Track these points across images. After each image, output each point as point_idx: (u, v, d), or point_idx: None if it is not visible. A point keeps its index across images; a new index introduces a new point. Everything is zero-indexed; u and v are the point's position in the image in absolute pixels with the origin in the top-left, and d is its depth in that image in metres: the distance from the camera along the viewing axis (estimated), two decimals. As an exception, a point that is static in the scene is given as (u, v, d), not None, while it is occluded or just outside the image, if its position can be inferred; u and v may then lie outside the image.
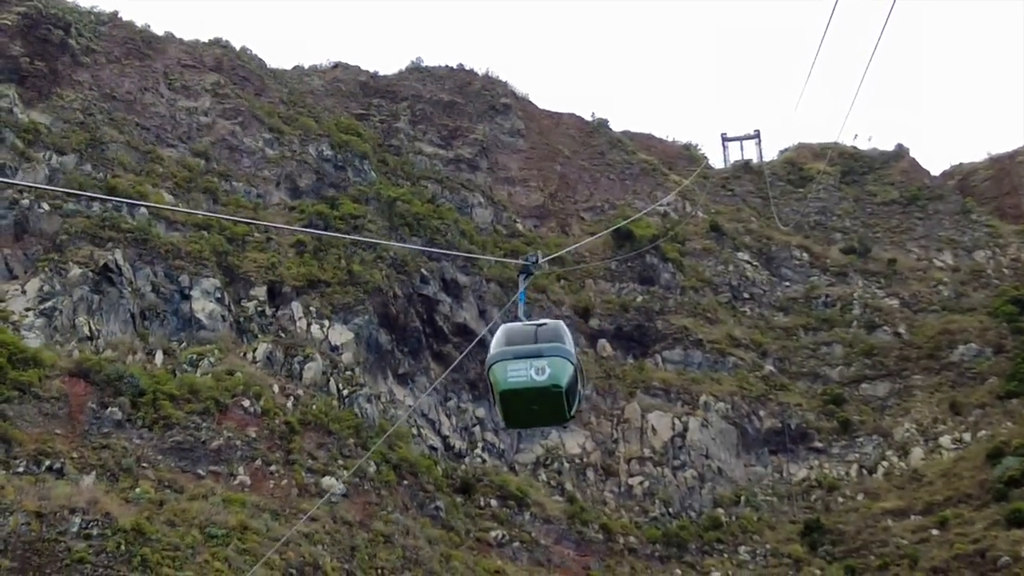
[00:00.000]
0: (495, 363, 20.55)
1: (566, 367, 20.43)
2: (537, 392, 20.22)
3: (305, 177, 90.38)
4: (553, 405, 20.43)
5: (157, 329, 68.13)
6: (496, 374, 20.79)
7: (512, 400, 20.46)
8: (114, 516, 48.77)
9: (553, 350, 20.52)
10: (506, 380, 20.21)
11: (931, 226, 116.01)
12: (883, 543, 73.16)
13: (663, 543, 73.95)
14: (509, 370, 20.42)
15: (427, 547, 61.35)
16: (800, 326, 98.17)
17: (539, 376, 20.23)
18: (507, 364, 20.43)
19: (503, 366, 20.38)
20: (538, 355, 20.56)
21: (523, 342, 21.05)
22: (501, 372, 20.53)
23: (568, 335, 21.57)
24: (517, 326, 21.98)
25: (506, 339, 21.53)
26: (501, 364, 20.39)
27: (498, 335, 21.82)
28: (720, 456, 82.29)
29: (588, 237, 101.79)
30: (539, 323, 22.02)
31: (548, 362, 20.52)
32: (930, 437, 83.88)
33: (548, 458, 79.25)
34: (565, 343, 21.22)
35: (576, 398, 21.50)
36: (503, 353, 20.68)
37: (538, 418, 21.48)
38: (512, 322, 22.34)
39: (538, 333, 21.41)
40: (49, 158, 75.77)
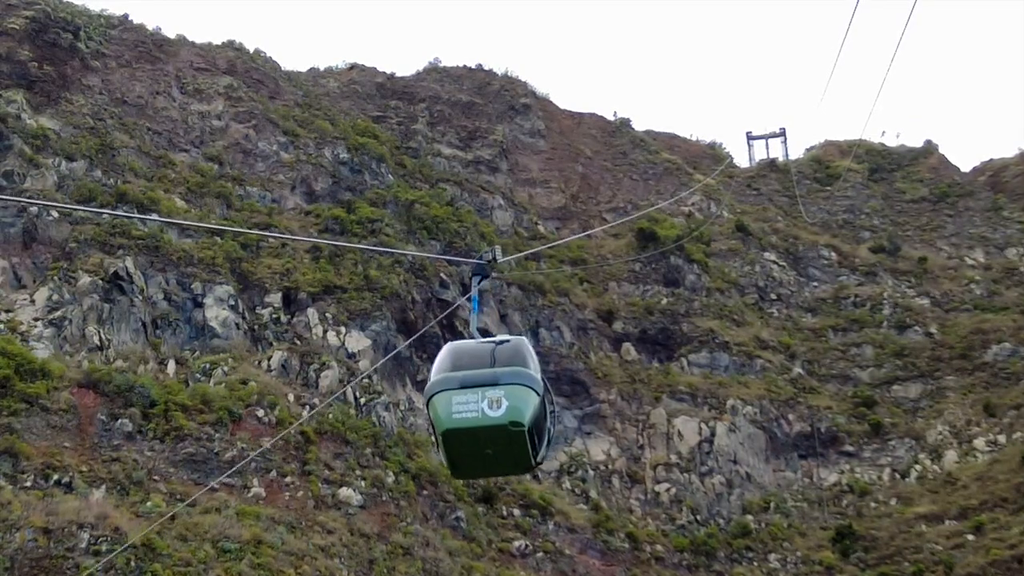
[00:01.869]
0: (436, 394, 16.64)
1: (529, 398, 16.40)
2: (491, 432, 16.20)
3: (321, 181, 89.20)
4: (513, 449, 16.38)
5: (169, 338, 67.03)
6: (437, 408, 16.71)
7: (458, 443, 16.42)
8: (124, 531, 47.54)
9: (513, 376, 16.52)
10: (450, 416, 16.27)
11: (962, 223, 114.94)
12: (917, 549, 71.46)
13: (691, 551, 72.44)
14: (454, 403, 16.40)
15: (448, 559, 60.02)
16: (829, 327, 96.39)
17: (494, 410, 16.21)
18: (452, 395, 16.46)
19: (446, 398, 16.45)
20: (493, 383, 16.49)
21: (474, 365, 16.99)
22: (444, 406, 16.52)
23: (533, 356, 17.49)
24: (467, 345, 17.90)
25: (452, 362, 17.41)
26: (444, 396, 16.49)
27: (441, 356, 17.68)
28: (748, 461, 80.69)
29: (612, 239, 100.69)
30: (496, 340, 17.76)
31: (506, 392, 16.39)
32: (964, 439, 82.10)
33: (572, 465, 77.80)
34: (529, 366, 17.03)
35: (544, 439, 17.45)
36: (447, 381, 16.76)
37: (494, 466, 17.23)
38: (462, 340, 18.38)
39: (495, 354, 17.23)
40: (58, 164, 74.67)
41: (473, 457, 16.82)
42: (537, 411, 16.47)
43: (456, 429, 16.19)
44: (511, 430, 16.04)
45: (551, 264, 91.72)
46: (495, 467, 17.40)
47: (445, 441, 16.64)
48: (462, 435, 16.23)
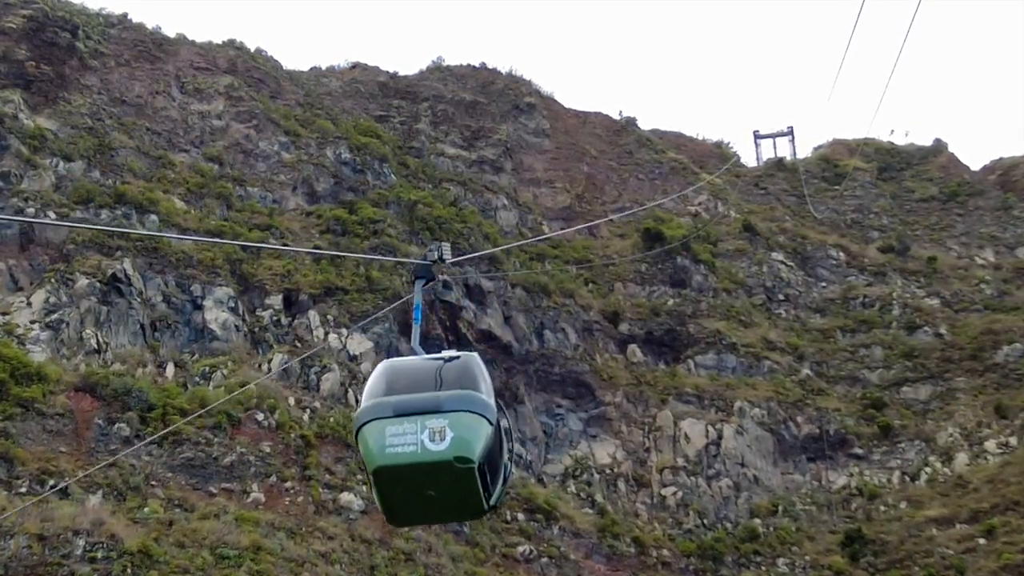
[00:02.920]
0: (365, 423, 14.21)
1: (479, 428, 14.15)
2: (433, 470, 13.79)
3: (323, 181, 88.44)
4: (460, 490, 14.02)
5: (168, 340, 66.37)
6: (367, 441, 14.19)
7: (393, 483, 13.95)
8: (120, 538, 46.83)
9: (460, 401, 14.23)
10: (383, 451, 13.86)
11: (971, 223, 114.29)
12: (928, 553, 70.49)
13: (698, 556, 71.59)
14: (388, 434, 13.94)
15: (450, 565, 59.24)
16: (837, 328, 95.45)
17: (436, 444, 13.79)
18: (385, 425, 13.99)
19: (378, 429, 14.03)
20: (435, 409, 14.05)
21: (414, 388, 14.50)
22: (375, 438, 14.02)
23: (486, 376, 15.31)
24: (406, 363, 15.61)
25: (386, 384, 14.98)
26: (375, 426, 14.07)
27: (374, 377, 15.34)
28: (756, 464, 79.81)
29: (617, 239, 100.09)
30: (443, 357, 15.33)
31: (451, 421, 13.97)
32: (975, 442, 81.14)
33: (577, 469, 77.03)
34: (480, 389, 14.77)
35: (500, 477, 15.23)
36: (379, 407, 14.31)
37: (438, 511, 14.86)
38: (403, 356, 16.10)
39: (441, 373, 14.81)
40: (56, 165, 73.92)
41: (412, 500, 14.31)
42: (489, 443, 14.33)
43: (390, 467, 13.83)
44: (457, 467, 13.77)
45: (556, 264, 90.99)
46: (439, 512, 15.26)
47: (377, 481, 14.17)
48: (397, 474, 13.84)
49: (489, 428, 14.40)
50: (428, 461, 13.82)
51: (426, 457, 13.80)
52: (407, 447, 13.90)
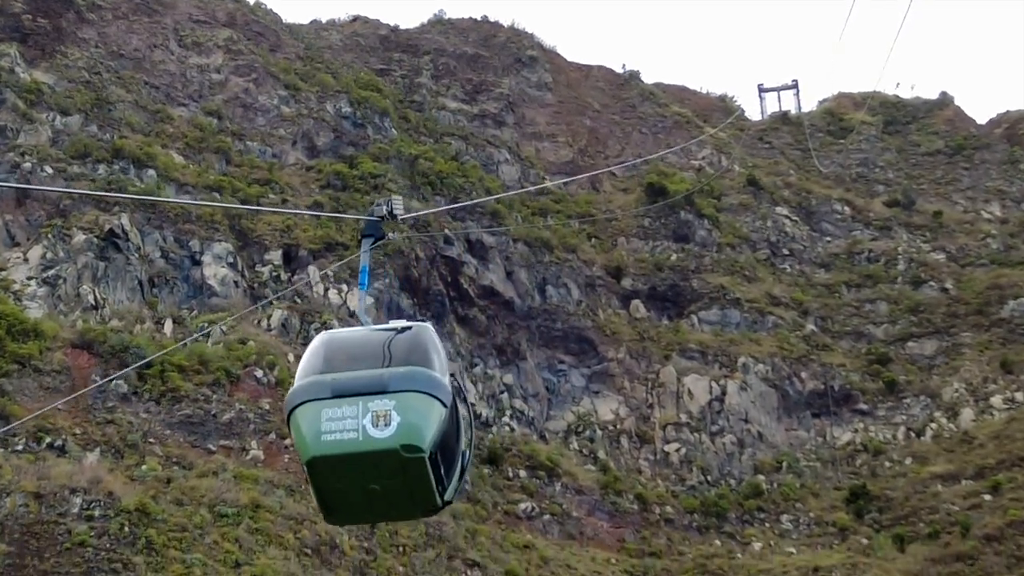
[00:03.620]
0: (298, 405, 12.44)
1: (431, 411, 12.35)
2: (377, 460, 12.00)
3: (323, 135, 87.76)
4: (409, 484, 12.27)
5: (166, 297, 65.97)
6: (300, 426, 12.34)
7: (331, 476, 12.23)
8: (118, 496, 46.60)
9: (409, 379, 12.42)
10: (318, 438, 12.09)
11: (978, 176, 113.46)
12: (933, 510, 70.03)
13: (701, 513, 71.44)
14: (324, 419, 12.14)
15: (451, 522, 58.92)
16: (842, 283, 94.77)
17: (380, 430, 11.95)
18: (321, 408, 12.21)
19: (313, 412, 12.28)
20: (380, 390, 12.22)
21: (356, 365, 12.70)
22: (309, 423, 12.23)
23: (440, 350, 13.45)
24: (349, 335, 13.87)
25: (324, 359, 13.13)
26: (310, 408, 12.32)
27: (310, 352, 13.54)
28: (760, 420, 79.44)
29: (620, 194, 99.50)
30: (391, 328, 13.45)
31: (398, 403, 12.10)
32: (980, 397, 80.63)
33: (580, 425, 76.84)
34: (432, 365, 12.94)
35: (456, 467, 13.27)
36: (314, 387, 12.55)
37: (383, 508, 12.85)
38: (345, 328, 14.79)
39: (390, 348, 12.92)
40: (53, 119, 73.43)
41: (353, 496, 12.44)
42: (443, 429, 12.47)
43: (326, 457, 12.03)
44: (405, 457, 11.97)
45: (558, 219, 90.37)
46: (385, 509, 13.04)
47: (311, 473, 12.36)
48: (335, 465, 12.05)
49: (443, 411, 12.49)
50: (371, 450, 11.98)
51: (368, 446, 11.96)
52: (346, 434, 12.05)
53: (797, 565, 66.80)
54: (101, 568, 42.76)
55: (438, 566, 55.58)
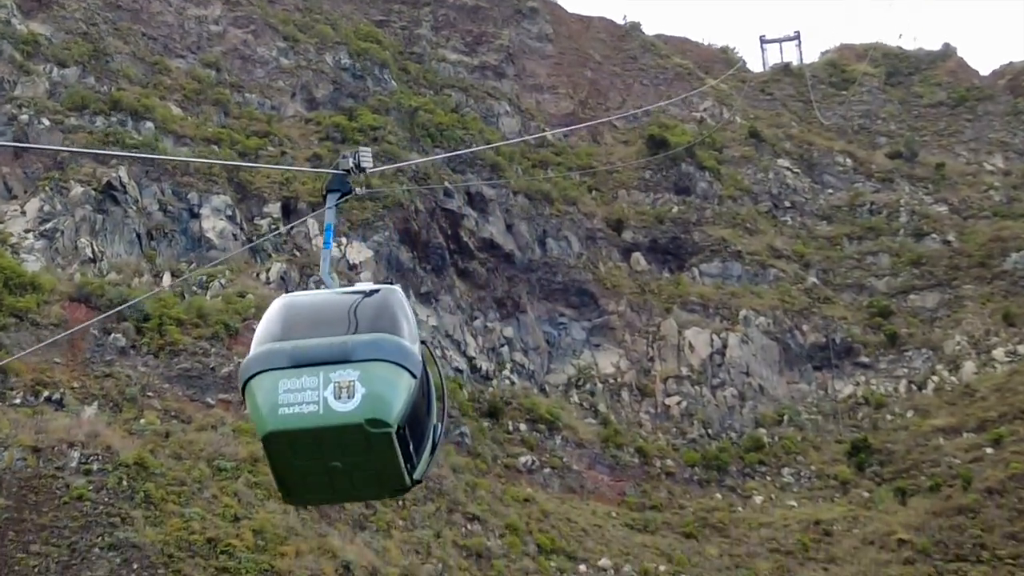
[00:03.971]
0: (254, 375, 11.41)
1: (399, 382, 11.33)
2: (339, 436, 11.02)
3: (322, 87, 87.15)
4: (375, 461, 11.28)
5: (165, 250, 65.53)
6: (256, 398, 11.30)
7: (289, 452, 11.23)
8: (116, 450, 46.02)
9: (375, 347, 11.40)
10: (275, 412, 11.06)
11: (980, 128, 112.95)
12: (934, 463, 69.80)
13: (702, 466, 71.24)
14: (282, 390, 11.12)
15: (451, 476, 58.77)
16: (844, 235, 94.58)
17: (343, 402, 10.93)
18: (279, 379, 11.18)
19: (270, 383, 11.24)
20: (343, 359, 11.22)
21: (317, 332, 11.65)
22: (266, 395, 11.20)
23: (409, 316, 12.32)
24: (311, 298, 12.76)
25: (283, 325, 12.01)
26: (267, 379, 11.29)
27: (268, 316, 12.36)
28: (761, 373, 79.27)
29: (621, 146, 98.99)
30: (356, 292, 12.37)
31: (363, 373, 11.10)
32: (982, 350, 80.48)
33: (580, 379, 76.68)
34: (401, 332, 11.84)
35: (426, 443, 12.20)
36: (272, 355, 11.49)
37: (347, 487, 11.76)
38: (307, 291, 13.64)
39: (355, 313, 11.88)
40: (50, 71, 72.81)
41: (313, 475, 11.42)
42: (412, 402, 11.42)
43: (283, 432, 11.02)
44: (370, 432, 10.96)
45: (559, 172, 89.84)
46: (348, 489, 11.84)
47: (268, 449, 11.31)
48: (293, 441, 11.05)
49: (411, 382, 11.40)
50: (332, 425, 10.95)
51: (330, 420, 10.94)
52: (306, 407, 10.99)
53: (798, 518, 66.77)
54: (99, 522, 42.41)
55: (438, 520, 55.38)
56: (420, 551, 52.53)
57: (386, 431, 11.05)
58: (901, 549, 62.26)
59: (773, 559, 63.32)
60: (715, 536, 65.34)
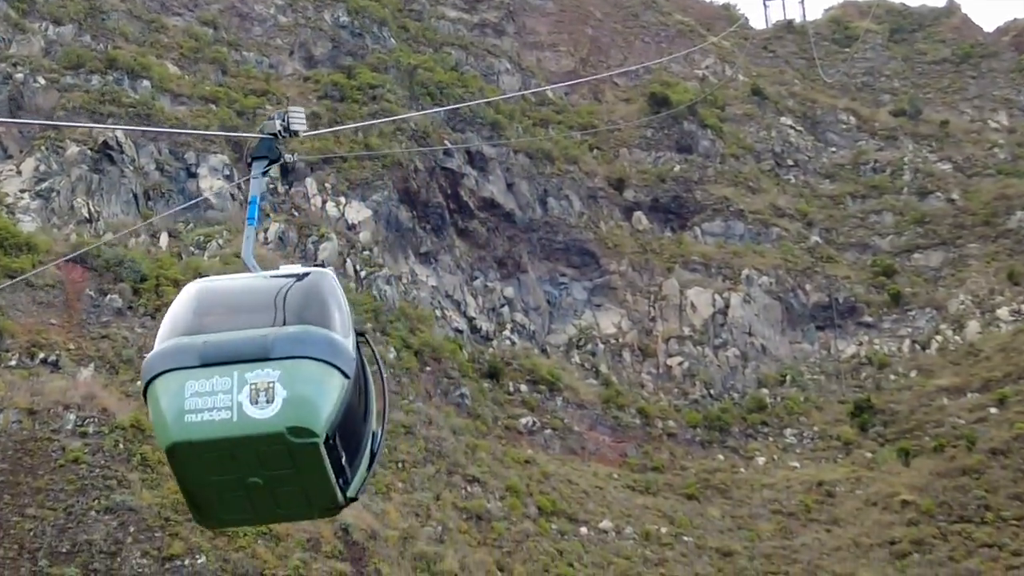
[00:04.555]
0: (157, 376, 9.79)
1: (328, 384, 9.79)
2: (257, 448, 9.48)
3: (320, 45, 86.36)
4: (300, 476, 9.76)
5: (162, 210, 64.83)
6: (158, 403, 9.75)
7: (197, 467, 9.67)
8: (112, 412, 45.73)
9: (300, 342, 9.83)
10: (180, 419, 9.53)
11: (985, 85, 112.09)
12: (938, 423, 69.42)
13: (704, 427, 70.86)
14: (189, 393, 9.58)
15: (451, 437, 58.51)
16: (847, 194, 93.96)
17: (260, 408, 9.38)
18: (186, 379, 9.63)
19: (176, 384, 9.68)
20: (262, 355, 9.65)
21: (236, 322, 10.11)
22: (170, 400, 9.65)
23: (342, 304, 10.72)
24: (229, 284, 11.06)
25: (194, 316, 10.38)
26: (171, 380, 9.71)
27: (178, 305, 10.74)
28: (764, 333, 78.78)
29: (622, 104, 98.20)
30: (282, 276, 10.79)
31: (285, 373, 9.55)
32: (987, 309, 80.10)
33: (581, 339, 76.27)
34: (332, 323, 10.31)
35: (364, 453, 10.69)
36: (178, 351, 9.90)
37: (270, 507, 10.13)
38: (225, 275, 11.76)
39: (280, 301, 10.26)
40: (45, 29, 72.55)
41: (228, 492, 9.84)
42: (344, 405, 9.89)
43: (190, 443, 9.49)
44: (293, 443, 9.44)
45: (560, 130, 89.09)
46: (271, 508, 10.15)
47: (173, 463, 9.75)
48: (202, 454, 9.51)
49: (343, 383, 9.88)
50: (248, 434, 9.39)
51: (245, 428, 9.38)
52: (216, 413, 9.44)
53: (801, 479, 66.50)
54: (95, 485, 42.10)
55: (437, 482, 55.08)
56: (419, 514, 52.27)
57: (312, 441, 9.53)
58: (904, 510, 62.02)
59: (775, 520, 63.11)
60: (717, 497, 65.09)
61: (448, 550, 50.26)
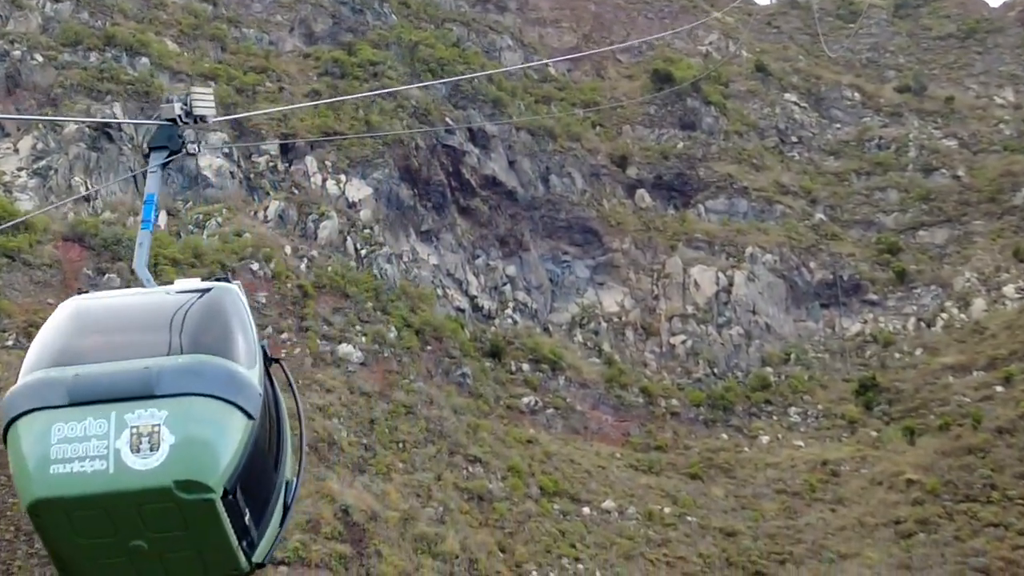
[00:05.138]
0: (20, 416, 7.94)
1: (227, 426, 7.92)
2: (140, 505, 7.66)
3: (321, 22, 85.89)
4: (196, 540, 7.95)
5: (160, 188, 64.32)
6: (20, 450, 7.85)
7: (66, 527, 7.81)
8: (110, 392, 45.13)
9: (192, 375, 7.95)
10: (43, 471, 7.71)
11: (991, 61, 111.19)
12: (944, 401, 68.79)
13: (707, 406, 70.37)
14: (56, 440, 7.71)
15: (453, 417, 58.18)
16: (852, 170, 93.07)
17: (143, 457, 7.57)
18: (52, 423, 7.78)
19: (39, 429, 7.83)
20: (145, 392, 7.76)
21: (112, 352, 8.17)
22: (32, 445, 7.82)
23: (248, 324, 8.88)
24: (111, 302, 9.21)
25: (65, 344, 8.44)
26: (35, 422, 7.87)
27: (49, 327, 8.82)
28: (768, 311, 78.24)
29: (625, 81, 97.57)
30: (176, 292, 8.87)
31: (173, 414, 7.69)
32: (992, 287, 79.46)
33: (584, 317, 75.84)
34: (233, 350, 8.42)
35: (274, 507, 8.78)
36: (44, 387, 8.04)
37: (156, 574, 8.10)
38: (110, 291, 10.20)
39: (179, 323, 8.33)
40: (43, 5, 72.32)
41: (107, 558, 7.94)
42: (248, 451, 8.01)
43: (57, 500, 7.66)
44: (184, 500, 7.60)
45: (562, 107, 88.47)
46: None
47: (37, 523, 7.84)
48: (72, 512, 7.70)
49: (246, 424, 7.99)
50: (128, 490, 7.55)
51: (124, 482, 7.53)
52: (89, 464, 7.58)
53: (805, 459, 66.06)
54: (93, 466, 41.71)
55: (439, 462, 54.76)
56: (420, 494, 52.01)
57: (206, 497, 7.66)
58: (910, 489, 61.54)
59: (779, 500, 62.76)
60: (721, 477, 64.73)
61: (449, 531, 49.98)
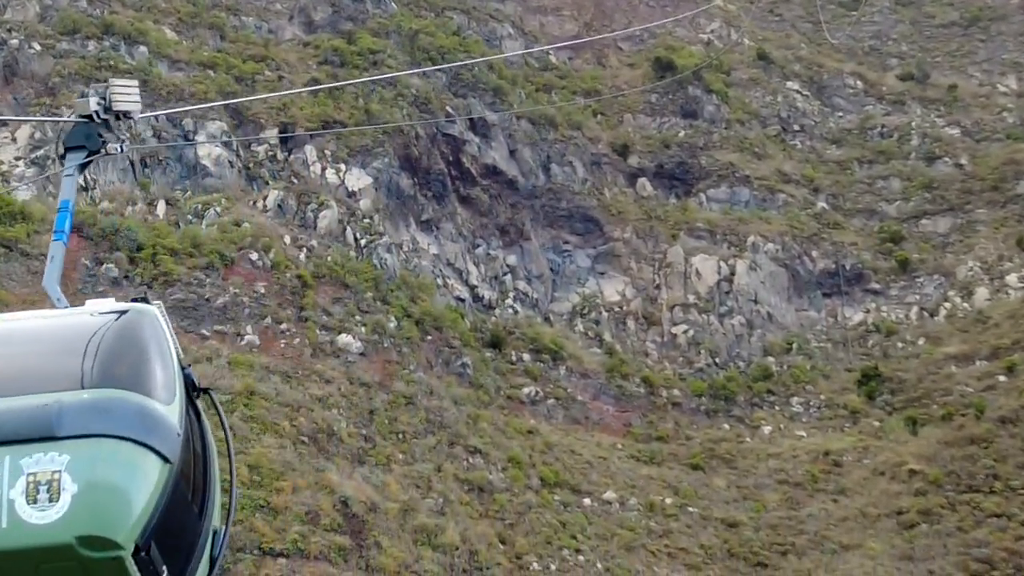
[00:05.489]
0: None
1: (139, 473, 5.96)
2: (35, 564, 5.78)
3: (320, 10, 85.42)
4: None
5: (159, 178, 64.36)
6: None
7: None
8: (108, 382, 44.92)
9: (100, 414, 6.00)
10: None
11: (994, 49, 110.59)
12: (946, 391, 68.78)
13: (709, 396, 70.23)
14: None
15: (453, 408, 58.05)
16: (854, 159, 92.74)
17: (41, 509, 5.70)
18: None
19: None
20: (45, 433, 5.86)
21: (13, 385, 6.20)
22: None
23: (170, 352, 6.95)
24: (14, 326, 7.13)
25: None
26: None
27: None
28: (770, 301, 78.06)
29: (627, 69, 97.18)
30: (89, 314, 7.04)
31: (76, 459, 5.80)
32: (995, 276, 79.21)
33: (585, 307, 75.70)
34: (147, 385, 6.40)
35: (195, 566, 6.72)
36: None
37: None
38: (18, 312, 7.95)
39: (90, 352, 6.40)
40: (40, -7, 71.56)
41: None
42: (166, 500, 6.17)
43: None
44: (88, 559, 5.85)
45: (563, 96, 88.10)
46: None
47: None
48: None
49: (160, 468, 6.21)
50: (23, 547, 5.85)
51: (18, 538, 5.83)
52: None
53: (807, 449, 65.92)
54: (90, 458, 41.50)
55: (439, 453, 54.59)
56: (420, 485, 51.83)
57: (115, 555, 5.94)
58: (912, 480, 61.42)
59: (781, 490, 62.63)
60: (722, 467, 64.60)
61: (449, 522, 49.83)
